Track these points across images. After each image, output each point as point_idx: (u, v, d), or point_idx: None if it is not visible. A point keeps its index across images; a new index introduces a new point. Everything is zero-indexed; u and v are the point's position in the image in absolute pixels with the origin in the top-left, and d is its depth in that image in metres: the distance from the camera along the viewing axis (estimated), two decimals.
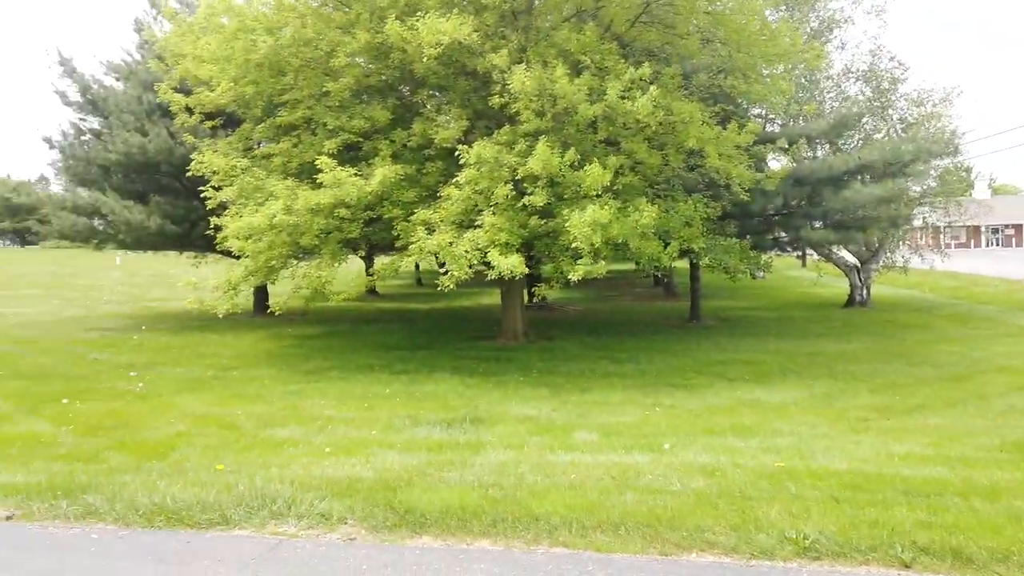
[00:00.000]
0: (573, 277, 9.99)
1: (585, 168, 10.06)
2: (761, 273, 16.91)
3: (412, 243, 10.63)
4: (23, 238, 74.89)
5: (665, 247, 11.25)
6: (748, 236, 15.72)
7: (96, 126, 17.70)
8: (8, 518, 4.54)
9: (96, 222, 17.18)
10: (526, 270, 10.05)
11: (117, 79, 18.21)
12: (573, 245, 9.75)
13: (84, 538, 4.20)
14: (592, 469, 5.90)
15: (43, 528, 4.35)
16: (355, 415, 8.76)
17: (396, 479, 5.54)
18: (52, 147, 17.71)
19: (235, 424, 8.23)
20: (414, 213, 11.14)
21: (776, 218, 16.81)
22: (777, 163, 17.38)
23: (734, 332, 16.68)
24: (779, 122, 18.64)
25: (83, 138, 17.79)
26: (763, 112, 17.51)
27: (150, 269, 39.62)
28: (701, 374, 11.43)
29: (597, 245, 9.49)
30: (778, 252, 20.80)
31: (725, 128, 12.35)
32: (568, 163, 10.15)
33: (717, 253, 13.37)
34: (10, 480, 5.31)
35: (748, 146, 12.63)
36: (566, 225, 9.67)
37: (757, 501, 4.98)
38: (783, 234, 17.45)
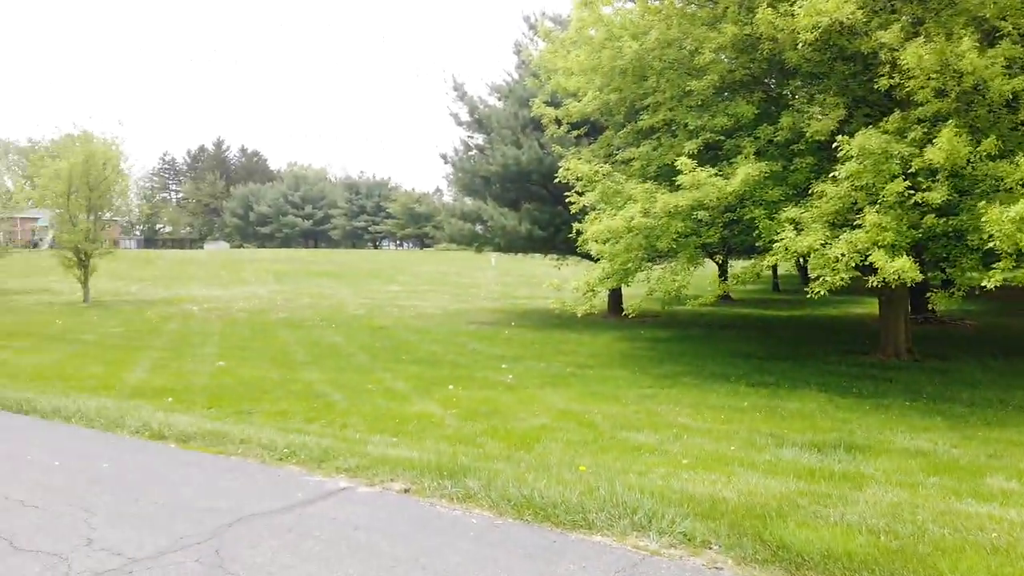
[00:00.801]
0: (988, 284, 8.27)
1: (1018, 159, 8.27)
2: None
3: (776, 243, 9.83)
4: (422, 242, 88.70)
5: None
6: None
7: (480, 142, 19.92)
8: (405, 491, 5.11)
9: (478, 227, 19.32)
10: (919, 276, 8.59)
11: (498, 98, 20.28)
12: (989, 246, 8.07)
13: (464, 521, 4.51)
14: (1021, 530, 4.67)
15: (431, 506, 4.79)
16: (711, 426, 8.34)
17: (763, 506, 5.01)
18: (446, 162, 20.38)
19: (592, 423, 8.39)
20: (778, 212, 10.32)
21: None
22: None
23: None
24: None
25: (470, 153, 20.16)
26: None
27: (519, 270, 43.62)
28: None
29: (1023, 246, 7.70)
30: None
31: None
32: (984, 152, 8.44)
33: None
34: (407, 455, 6.01)
35: None
36: (981, 222, 8.03)
37: None
38: None
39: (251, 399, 9.72)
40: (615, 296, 19.11)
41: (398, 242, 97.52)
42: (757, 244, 11.11)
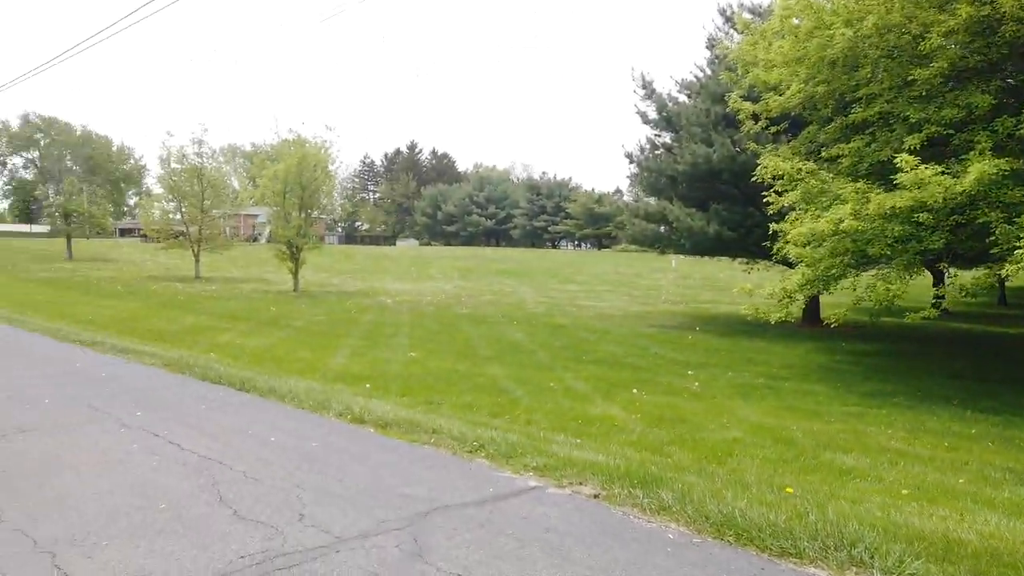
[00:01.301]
0: None
1: None
2: None
3: (1018, 250, 8.57)
4: (600, 242, 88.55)
5: None
6: None
7: (668, 140, 19.38)
8: (595, 496, 4.96)
9: (662, 228, 18.81)
10: None
11: (688, 95, 19.61)
12: None
13: (660, 535, 4.27)
14: None
15: (624, 515, 4.59)
16: (932, 454, 7.42)
17: (1011, 552, 4.30)
18: (631, 162, 20.05)
19: (791, 439, 7.77)
20: (1020, 216, 9.01)
21: None
22: None
23: None
24: None
25: (656, 152, 19.69)
26: None
27: (701, 272, 42.15)
28: None
29: None
30: None
31: None
32: None
33: None
34: (593, 459, 5.87)
35: None
36: None
37: None
38: None
39: (439, 390, 10.07)
40: (812, 304, 17.80)
41: (576, 242, 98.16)
42: (992, 252, 9.77)
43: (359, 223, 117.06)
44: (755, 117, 13.37)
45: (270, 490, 4.89)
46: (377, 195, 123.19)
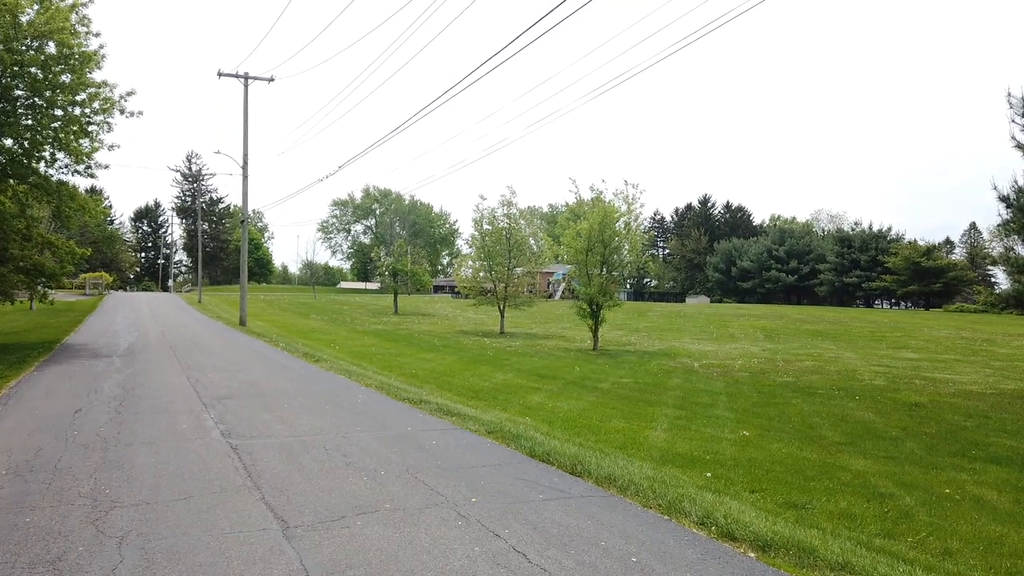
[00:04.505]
0: None
1: None
2: None
3: None
4: (927, 302, 77.10)
5: None
6: None
7: None
8: None
9: None
10: None
11: None
12: None
13: None
14: None
15: None
16: None
17: None
18: (1008, 205, 16.24)
19: None
20: None
21: None
22: None
23: None
24: None
25: None
26: None
27: None
28: None
29: None
30: None
31: None
32: None
33: None
34: None
35: None
36: None
37: None
38: None
39: (797, 487, 8.20)
40: None
41: (894, 301, 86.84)
42: None
43: (648, 279, 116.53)
44: None
45: None
46: (667, 251, 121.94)
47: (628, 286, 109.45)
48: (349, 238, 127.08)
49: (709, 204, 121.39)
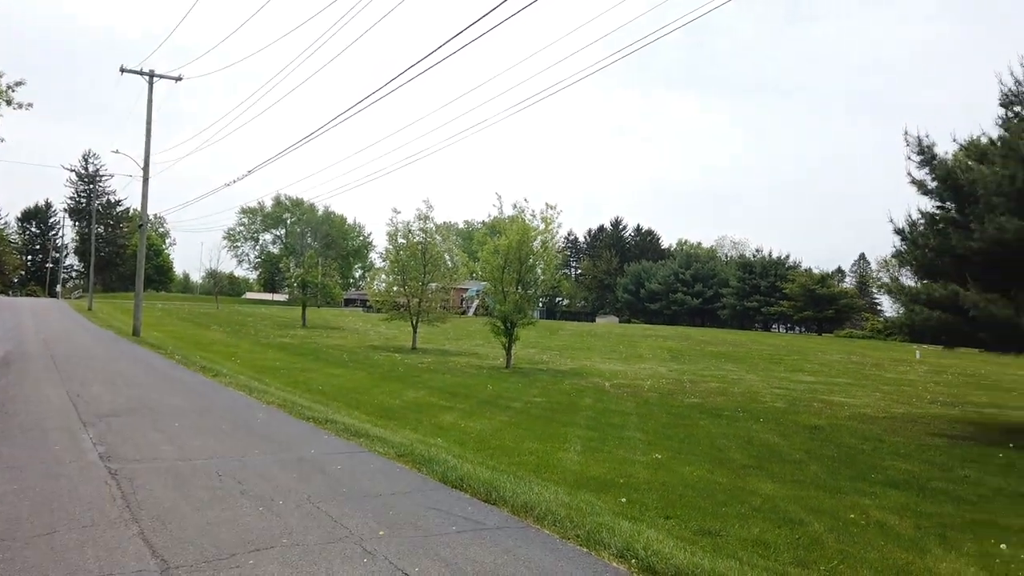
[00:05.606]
0: None
1: None
2: None
3: None
4: (820, 327, 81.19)
5: None
6: None
7: (953, 214, 16.28)
8: None
9: (950, 316, 15.56)
10: None
11: (977, 161, 16.43)
12: None
13: None
14: None
15: None
16: None
17: None
18: (903, 238, 17.13)
19: None
20: None
21: None
22: None
23: None
24: None
25: (938, 227, 16.60)
26: None
27: (956, 368, 36.25)
28: None
29: None
30: None
31: None
32: None
33: None
34: None
35: None
36: None
37: None
38: None
39: (711, 513, 8.14)
40: None
41: (789, 325, 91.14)
42: None
43: (560, 298, 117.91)
44: None
45: None
46: (579, 271, 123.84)
47: (541, 304, 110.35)
48: (257, 247, 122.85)
49: (621, 227, 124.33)
